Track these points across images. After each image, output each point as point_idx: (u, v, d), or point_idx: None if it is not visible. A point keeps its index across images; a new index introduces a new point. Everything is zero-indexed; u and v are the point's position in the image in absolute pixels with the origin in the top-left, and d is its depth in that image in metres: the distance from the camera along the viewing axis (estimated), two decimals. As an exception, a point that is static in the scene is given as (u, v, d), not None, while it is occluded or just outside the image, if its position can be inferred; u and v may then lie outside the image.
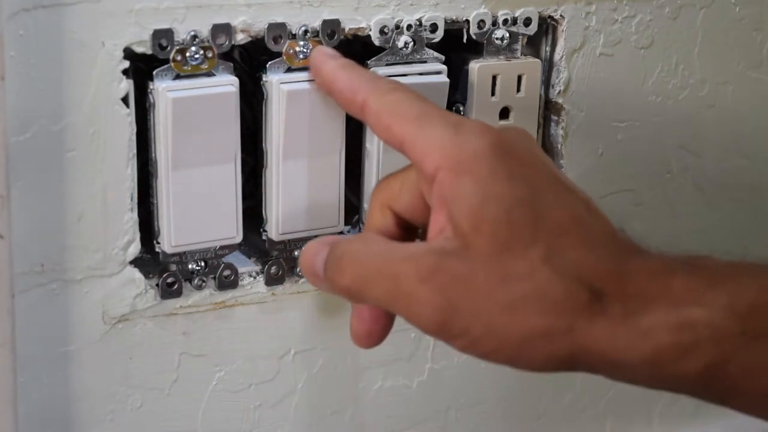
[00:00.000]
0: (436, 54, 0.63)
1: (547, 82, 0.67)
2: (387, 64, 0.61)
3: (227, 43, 0.57)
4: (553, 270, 0.46)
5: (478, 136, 0.49)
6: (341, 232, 0.64)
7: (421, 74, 0.62)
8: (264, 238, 0.63)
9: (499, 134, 0.50)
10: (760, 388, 0.47)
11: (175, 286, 0.61)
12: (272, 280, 0.63)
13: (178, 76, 0.57)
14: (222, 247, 0.61)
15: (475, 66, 0.64)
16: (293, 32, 0.59)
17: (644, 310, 0.46)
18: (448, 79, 0.62)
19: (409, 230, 0.54)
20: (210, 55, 0.57)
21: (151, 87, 0.57)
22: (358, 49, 0.62)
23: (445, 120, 0.50)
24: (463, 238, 0.47)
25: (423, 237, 0.53)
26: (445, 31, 0.62)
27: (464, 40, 0.64)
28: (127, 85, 0.56)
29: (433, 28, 0.62)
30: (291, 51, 0.59)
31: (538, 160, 0.50)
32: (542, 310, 0.46)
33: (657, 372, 0.47)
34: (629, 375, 0.48)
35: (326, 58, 0.57)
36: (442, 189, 0.48)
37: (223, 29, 0.57)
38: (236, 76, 0.58)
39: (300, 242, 0.63)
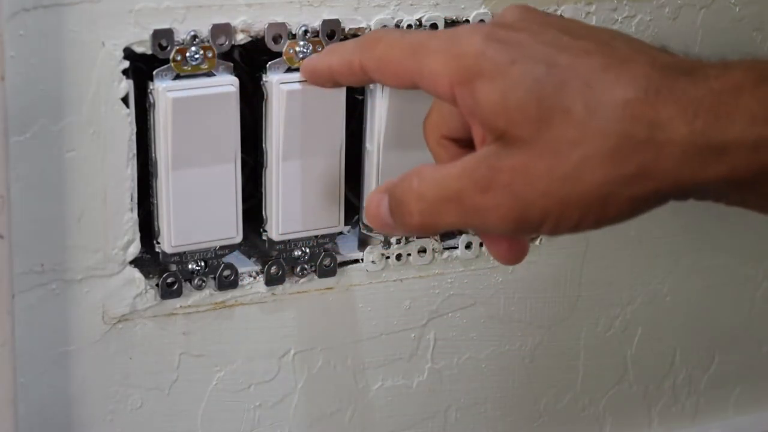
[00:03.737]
0: (436, 54, 0.62)
1: (547, 82, 0.67)
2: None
3: (227, 43, 0.57)
4: (599, 120, 0.46)
5: (471, 37, 0.49)
6: (341, 233, 0.64)
7: (421, 74, 0.62)
8: (264, 238, 0.63)
9: (491, 25, 0.50)
10: None
11: (175, 286, 0.61)
12: (272, 280, 0.63)
13: (178, 76, 0.57)
14: (222, 247, 0.61)
15: (475, 66, 0.64)
16: (293, 32, 0.59)
17: (714, 129, 0.45)
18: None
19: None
20: (210, 55, 0.57)
21: (151, 87, 0.57)
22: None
23: (437, 40, 0.50)
24: (503, 136, 0.47)
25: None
26: (445, 31, 0.62)
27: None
28: (127, 85, 0.56)
29: (433, 28, 0.62)
30: (291, 51, 0.59)
31: (540, 25, 0.50)
32: (606, 162, 0.46)
33: (734, 190, 0.46)
34: (710, 196, 0.47)
35: (309, 61, 0.58)
36: (464, 103, 0.49)
37: (223, 29, 0.57)
38: (236, 76, 0.58)
39: (300, 242, 0.63)
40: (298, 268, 0.63)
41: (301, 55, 0.59)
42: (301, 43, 0.59)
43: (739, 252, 0.79)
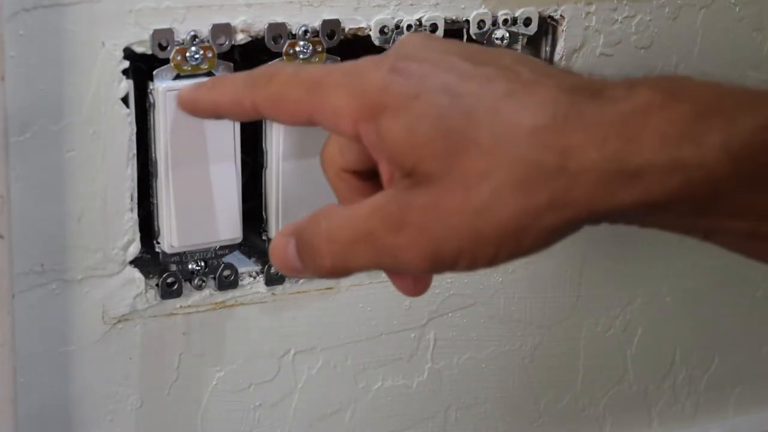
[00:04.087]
0: (436, 54, 0.62)
1: (547, 82, 0.67)
2: (387, 64, 0.61)
3: (227, 43, 0.57)
4: (508, 149, 0.45)
5: (374, 72, 0.47)
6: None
7: (421, 74, 0.62)
8: (264, 238, 0.62)
9: (393, 56, 0.48)
10: (744, 228, 0.46)
11: (175, 286, 0.61)
12: (272, 280, 0.63)
13: (178, 76, 0.57)
14: (222, 247, 0.61)
15: (475, 66, 0.64)
16: (293, 32, 0.59)
17: (626, 154, 0.44)
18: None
19: (377, 175, 0.52)
20: (210, 55, 0.57)
21: (151, 87, 0.57)
22: (358, 49, 0.62)
23: (336, 75, 0.48)
24: (412, 172, 0.46)
25: None
26: (445, 31, 0.62)
27: (464, 40, 0.63)
28: (127, 85, 0.56)
29: (433, 28, 0.62)
30: (291, 51, 0.59)
31: (441, 53, 0.48)
32: (517, 193, 0.44)
33: (648, 213, 0.45)
34: (623, 219, 0.46)
35: (189, 93, 0.53)
36: (370, 140, 0.47)
37: (223, 29, 0.57)
38: (236, 76, 0.58)
39: (300, 242, 0.63)
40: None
41: (301, 56, 0.59)
42: (301, 43, 0.59)
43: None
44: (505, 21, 0.64)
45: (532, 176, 0.44)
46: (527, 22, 0.64)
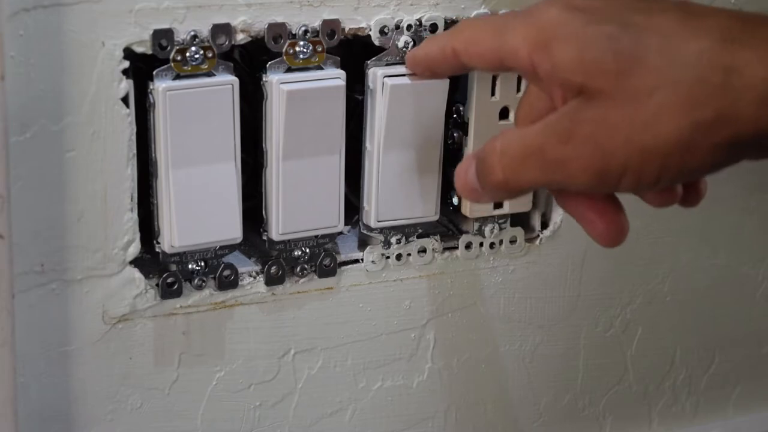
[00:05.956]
0: (436, 54, 0.63)
1: (547, 82, 0.67)
2: (387, 64, 0.61)
3: (227, 43, 0.57)
4: (675, 68, 0.46)
5: (547, 9, 0.50)
6: (341, 233, 0.64)
7: (421, 74, 0.62)
8: (264, 238, 0.63)
9: None
10: None
11: (175, 286, 0.61)
12: (272, 280, 0.63)
13: (178, 76, 0.57)
14: (222, 247, 0.61)
15: (475, 66, 0.64)
16: (293, 32, 0.59)
17: None
18: (447, 79, 0.62)
19: None
20: (210, 55, 0.57)
21: (151, 87, 0.57)
22: (358, 49, 0.62)
23: (516, 17, 0.52)
24: (582, 91, 0.48)
25: None
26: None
27: (464, 40, 0.63)
28: (127, 85, 0.56)
29: (433, 28, 0.62)
30: (291, 51, 0.59)
31: None
32: (683, 108, 0.46)
33: None
34: None
35: (410, 51, 0.61)
36: (543, 68, 0.50)
37: (223, 29, 0.57)
38: (236, 76, 0.58)
39: (300, 242, 0.63)
40: (298, 268, 0.63)
41: (301, 56, 0.59)
42: (301, 43, 0.59)
43: (739, 252, 0.79)
44: (505, 21, 0.64)
45: (697, 93, 0.46)
46: (527, 22, 0.64)
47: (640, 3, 0.50)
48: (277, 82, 0.59)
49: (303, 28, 0.59)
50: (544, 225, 0.71)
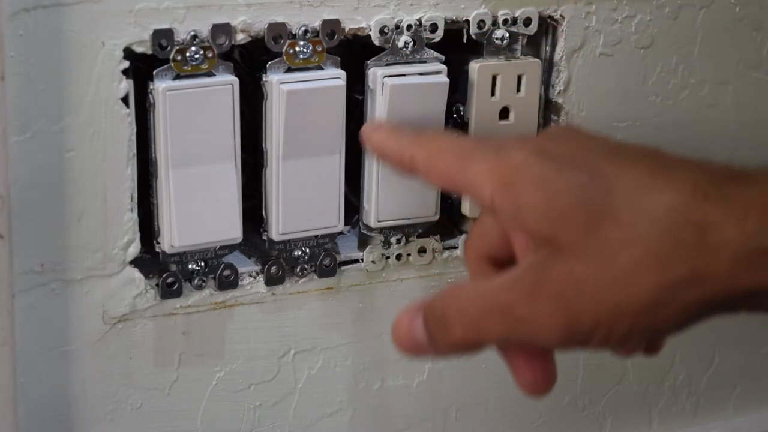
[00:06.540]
0: (436, 54, 0.63)
1: (547, 82, 0.67)
2: (387, 64, 0.61)
3: (227, 43, 0.57)
4: (647, 225, 0.45)
5: (518, 147, 0.49)
6: (341, 233, 0.64)
7: (421, 74, 0.62)
8: (264, 238, 0.62)
9: (538, 138, 0.50)
10: None
11: (175, 286, 0.61)
12: (272, 280, 0.63)
13: (178, 76, 0.57)
14: (222, 247, 0.61)
15: (475, 66, 0.64)
16: (293, 32, 0.59)
17: (767, 231, 0.44)
18: (448, 79, 0.62)
19: (514, 264, 0.54)
20: (210, 55, 0.57)
21: (151, 87, 0.57)
22: (358, 49, 0.62)
23: (485, 148, 0.50)
24: (549, 241, 0.47)
25: None
26: (445, 31, 0.62)
27: (464, 40, 0.63)
28: (127, 85, 0.56)
29: (433, 28, 0.62)
30: (291, 51, 0.59)
31: (585, 141, 0.50)
32: (656, 266, 0.45)
33: None
34: (763, 304, 0.47)
35: (372, 131, 0.58)
36: (506, 210, 0.48)
37: (223, 29, 0.57)
38: (236, 76, 0.58)
39: (300, 242, 0.63)
40: (298, 268, 0.63)
41: (301, 55, 0.59)
42: (301, 43, 0.59)
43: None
44: (505, 21, 0.64)
45: (670, 250, 0.45)
46: (527, 22, 0.64)
47: (611, 150, 0.48)
48: (277, 82, 0.59)
49: (303, 28, 0.59)
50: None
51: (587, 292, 0.46)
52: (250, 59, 0.61)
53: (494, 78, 0.64)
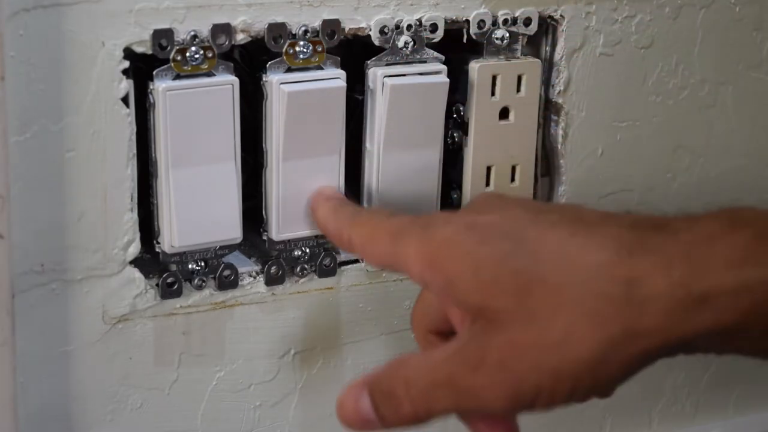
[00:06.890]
0: (436, 54, 0.63)
1: (547, 82, 0.67)
2: (387, 64, 0.61)
3: (227, 43, 0.57)
4: (576, 286, 0.46)
5: (443, 223, 0.50)
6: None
7: (421, 74, 0.62)
8: (264, 238, 0.63)
9: (462, 211, 0.51)
10: None
11: (175, 286, 0.61)
12: (272, 280, 0.63)
13: (178, 76, 0.57)
14: (222, 247, 0.61)
15: (475, 66, 0.64)
16: (293, 32, 0.59)
17: (692, 279, 0.45)
18: (448, 79, 0.62)
19: None
20: (210, 55, 0.57)
21: (151, 87, 0.57)
22: (358, 49, 0.62)
23: (413, 226, 0.51)
24: (482, 313, 0.47)
25: None
26: (445, 31, 0.62)
27: (464, 40, 0.64)
28: (127, 85, 0.56)
29: (433, 28, 0.62)
30: (291, 51, 0.59)
31: (509, 209, 0.50)
32: (590, 326, 0.45)
33: (723, 340, 0.46)
34: (699, 348, 0.47)
35: (321, 202, 0.59)
36: (437, 286, 0.49)
37: (223, 29, 0.57)
38: (236, 76, 0.58)
39: (300, 242, 0.63)
40: (298, 268, 0.63)
41: (301, 55, 0.59)
42: (301, 43, 0.59)
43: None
44: (505, 21, 0.64)
45: (602, 309, 0.45)
46: (527, 22, 0.64)
47: (534, 215, 0.49)
48: (277, 83, 0.59)
49: (303, 28, 0.59)
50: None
51: (527, 358, 0.46)
52: (250, 59, 0.61)
53: (494, 78, 0.64)
